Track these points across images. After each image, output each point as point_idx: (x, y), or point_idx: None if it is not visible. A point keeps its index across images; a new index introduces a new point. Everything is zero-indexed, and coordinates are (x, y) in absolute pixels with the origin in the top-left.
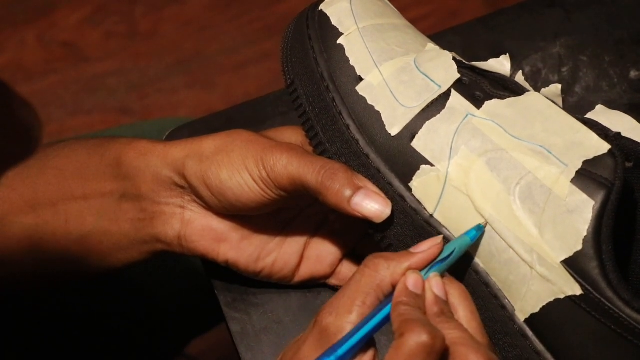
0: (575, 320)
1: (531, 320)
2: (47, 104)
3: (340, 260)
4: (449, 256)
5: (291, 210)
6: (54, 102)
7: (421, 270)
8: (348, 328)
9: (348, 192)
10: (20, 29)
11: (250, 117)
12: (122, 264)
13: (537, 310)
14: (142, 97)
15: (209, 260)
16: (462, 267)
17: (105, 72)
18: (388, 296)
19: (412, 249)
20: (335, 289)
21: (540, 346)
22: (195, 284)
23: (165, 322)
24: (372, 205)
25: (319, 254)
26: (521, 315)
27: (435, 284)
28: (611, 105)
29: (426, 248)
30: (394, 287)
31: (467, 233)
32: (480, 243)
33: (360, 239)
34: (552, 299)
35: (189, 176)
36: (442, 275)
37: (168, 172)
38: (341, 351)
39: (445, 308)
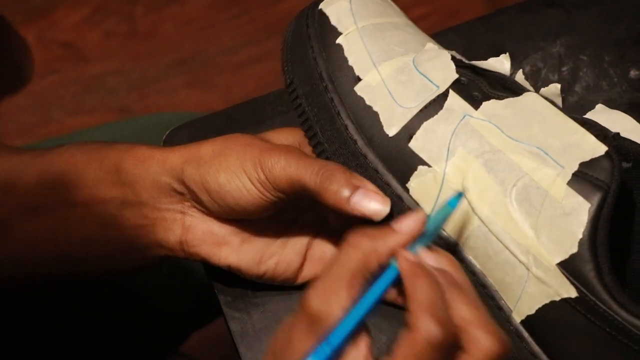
0: (571, 322)
1: (527, 321)
2: (47, 104)
3: None
4: (432, 229)
5: (291, 212)
6: (54, 102)
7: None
8: (338, 311)
9: (346, 192)
10: (20, 29)
11: (249, 116)
12: (124, 268)
13: (533, 312)
14: (142, 97)
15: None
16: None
17: (105, 72)
18: (375, 276)
19: (393, 225)
20: None
21: (536, 347)
22: (195, 284)
23: (165, 321)
24: (371, 203)
25: (322, 254)
26: (517, 317)
27: (429, 258)
28: (611, 104)
29: (411, 224)
30: (380, 266)
31: (448, 202)
32: (478, 245)
33: None
34: (547, 301)
35: (187, 182)
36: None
37: (167, 179)
38: (335, 340)
39: (450, 277)
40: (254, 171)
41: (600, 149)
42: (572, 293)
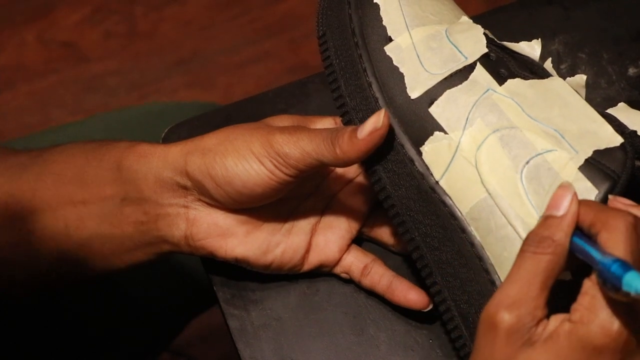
0: (565, 303)
1: None
2: (47, 104)
3: (348, 246)
4: None
5: (293, 201)
6: (54, 102)
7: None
8: (530, 318)
9: (356, 134)
10: (20, 29)
11: (248, 114)
12: (127, 265)
13: None
14: (142, 96)
15: (210, 258)
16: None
17: (105, 72)
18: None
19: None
20: (342, 279)
21: None
22: (194, 281)
23: (163, 319)
24: (371, 120)
25: (327, 240)
26: None
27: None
28: (609, 102)
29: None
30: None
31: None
32: (481, 217)
33: (365, 220)
34: None
35: (192, 172)
36: None
37: (169, 173)
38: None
39: None
40: (262, 150)
41: (616, 140)
42: (567, 276)
